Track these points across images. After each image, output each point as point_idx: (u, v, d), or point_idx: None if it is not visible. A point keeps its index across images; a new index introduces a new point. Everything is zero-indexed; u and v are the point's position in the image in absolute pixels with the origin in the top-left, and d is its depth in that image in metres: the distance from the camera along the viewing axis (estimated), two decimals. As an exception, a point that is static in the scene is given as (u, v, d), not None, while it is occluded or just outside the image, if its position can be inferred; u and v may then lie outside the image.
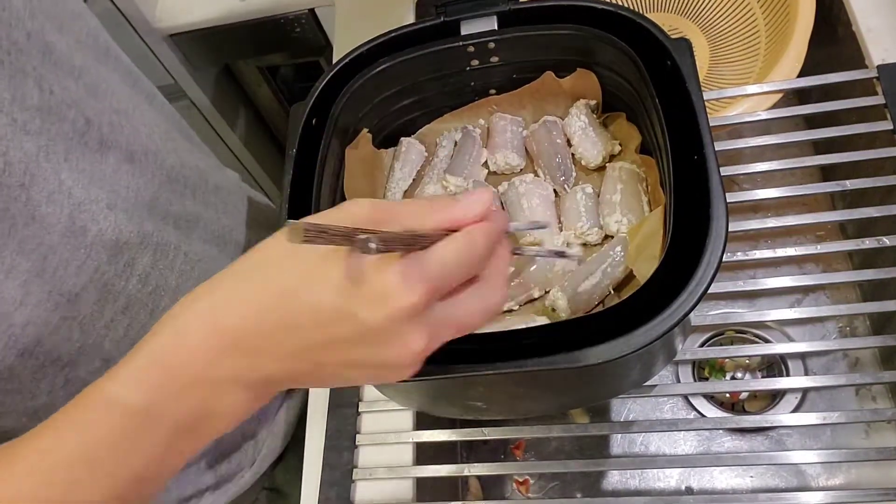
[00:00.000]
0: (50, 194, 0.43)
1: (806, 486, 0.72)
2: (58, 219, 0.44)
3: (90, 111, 0.47)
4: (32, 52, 0.43)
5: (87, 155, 0.47)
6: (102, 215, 0.48)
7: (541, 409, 0.67)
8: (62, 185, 0.44)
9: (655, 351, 0.51)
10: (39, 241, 0.43)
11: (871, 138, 0.66)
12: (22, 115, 0.42)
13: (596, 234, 0.59)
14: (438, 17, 0.59)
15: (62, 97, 0.45)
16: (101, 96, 0.49)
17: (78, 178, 0.46)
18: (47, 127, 0.43)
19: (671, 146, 0.48)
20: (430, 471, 0.62)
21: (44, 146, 0.43)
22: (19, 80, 0.42)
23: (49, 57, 0.44)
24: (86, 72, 0.48)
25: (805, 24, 0.70)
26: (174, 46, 1.15)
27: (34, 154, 0.42)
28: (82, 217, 0.46)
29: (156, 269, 0.53)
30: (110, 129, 0.49)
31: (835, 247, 0.65)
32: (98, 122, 0.48)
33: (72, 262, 0.46)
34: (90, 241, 0.47)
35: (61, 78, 0.45)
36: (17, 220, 0.42)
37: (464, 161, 0.65)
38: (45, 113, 0.43)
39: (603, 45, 0.57)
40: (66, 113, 0.45)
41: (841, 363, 0.77)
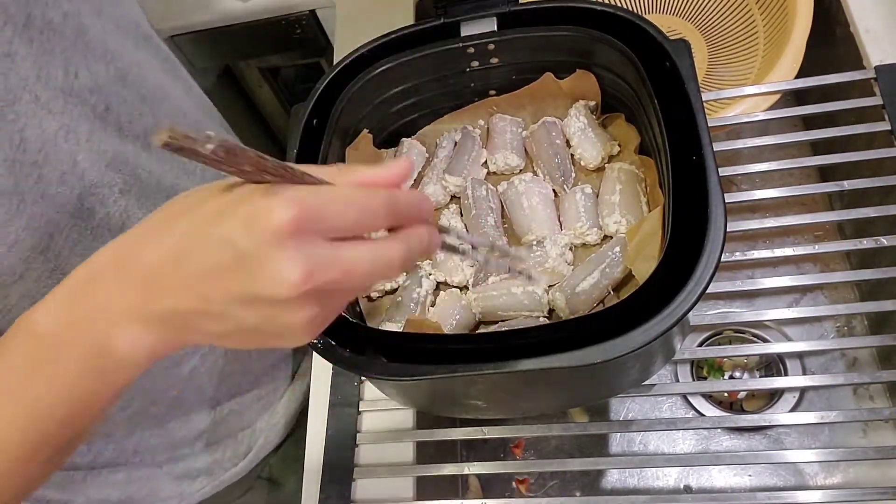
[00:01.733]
0: (62, 174, 0.44)
1: (804, 484, 0.72)
2: (67, 199, 0.45)
3: (113, 98, 0.48)
4: (66, 32, 0.43)
5: (107, 138, 0.47)
6: (112, 199, 0.48)
7: (540, 409, 0.67)
8: (76, 166, 0.45)
9: (654, 350, 0.51)
10: (48, 219, 0.44)
11: (869, 139, 0.67)
12: (45, 94, 0.42)
13: (595, 235, 0.60)
14: (438, 18, 0.60)
15: (86, 81, 0.45)
16: (130, 83, 0.50)
17: (95, 161, 0.46)
18: (70, 108, 0.44)
19: (670, 147, 0.49)
20: (431, 469, 0.63)
21: (65, 125, 0.44)
22: (46, 60, 0.42)
23: (82, 39, 0.45)
24: (118, 57, 0.48)
25: (803, 24, 0.70)
26: (175, 47, 1.15)
27: (53, 133, 0.43)
28: (91, 200, 0.46)
29: None
30: (129, 118, 0.49)
31: (833, 247, 0.66)
32: (118, 111, 0.48)
33: (79, 242, 0.46)
34: (97, 223, 0.47)
35: (91, 61, 0.46)
36: (27, 197, 0.42)
37: (463, 161, 0.65)
38: (68, 94, 0.44)
39: (602, 47, 0.57)
40: (88, 98, 0.45)
41: (839, 363, 0.77)
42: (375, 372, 0.47)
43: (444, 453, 0.78)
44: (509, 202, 0.63)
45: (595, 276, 0.55)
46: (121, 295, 0.33)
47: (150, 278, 0.33)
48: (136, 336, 0.34)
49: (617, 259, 0.55)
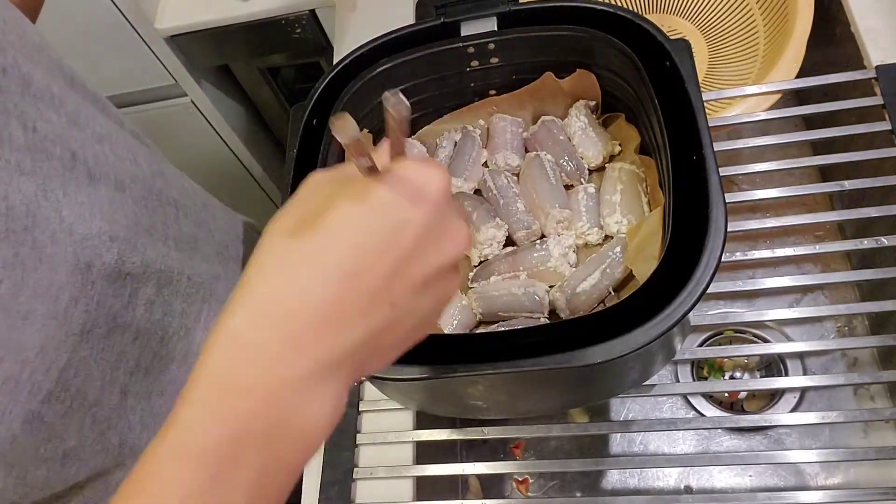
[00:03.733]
0: (53, 234, 0.42)
1: (804, 485, 0.72)
2: (64, 258, 0.43)
3: (74, 143, 0.46)
4: (11, 87, 0.42)
5: (81, 189, 0.45)
6: (105, 248, 0.47)
7: (540, 409, 0.67)
8: (63, 222, 0.43)
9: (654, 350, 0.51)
10: (49, 282, 0.42)
11: (870, 139, 0.67)
12: (14, 156, 0.40)
13: (596, 234, 0.60)
14: (438, 18, 0.59)
15: (45, 133, 0.43)
16: (83, 125, 0.48)
17: (79, 213, 0.45)
18: (39, 165, 0.42)
19: (670, 146, 0.48)
20: (431, 470, 0.63)
21: (41, 184, 0.42)
22: (3, 121, 0.40)
23: (28, 90, 0.43)
24: (65, 101, 0.47)
25: (804, 24, 0.70)
26: (175, 47, 1.15)
27: (33, 194, 0.41)
28: (86, 252, 0.45)
29: (160, 296, 0.52)
30: (95, 161, 0.48)
31: (833, 247, 0.66)
32: (83, 155, 0.46)
33: (80, 299, 0.44)
34: (95, 275, 0.46)
35: (43, 111, 0.44)
36: (27, 264, 0.40)
37: (464, 162, 0.65)
38: (34, 151, 0.42)
39: (602, 46, 0.57)
40: (52, 149, 0.44)
41: (839, 363, 0.77)
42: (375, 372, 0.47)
43: (444, 453, 0.78)
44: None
45: (595, 277, 0.55)
46: (297, 356, 0.28)
47: (328, 319, 0.28)
48: (326, 395, 0.29)
49: (618, 259, 0.55)
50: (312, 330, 0.28)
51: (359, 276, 0.28)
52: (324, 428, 0.29)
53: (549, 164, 0.62)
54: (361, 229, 0.29)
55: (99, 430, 0.48)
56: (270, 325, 0.28)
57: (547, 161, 0.63)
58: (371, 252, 0.29)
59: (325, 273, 0.28)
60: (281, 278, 0.29)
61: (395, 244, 0.29)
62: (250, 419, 0.27)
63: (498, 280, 0.59)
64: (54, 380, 0.43)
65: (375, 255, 0.29)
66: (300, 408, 0.28)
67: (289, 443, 0.28)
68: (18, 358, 0.40)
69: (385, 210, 0.29)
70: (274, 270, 0.29)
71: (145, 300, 0.51)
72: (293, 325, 0.28)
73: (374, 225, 0.29)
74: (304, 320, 0.28)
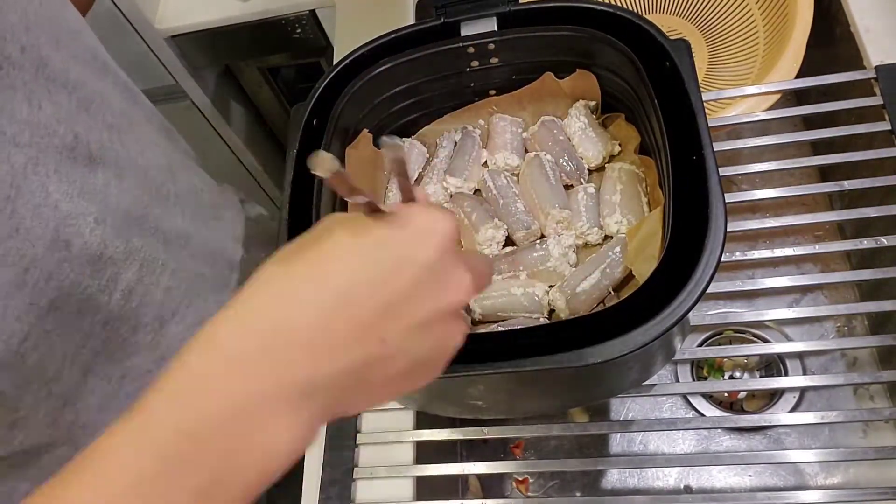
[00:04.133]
0: (36, 207, 0.43)
1: (804, 485, 0.72)
2: (43, 232, 0.44)
3: (80, 126, 0.47)
4: (25, 65, 0.43)
5: (76, 169, 0.46)
6: (89, 229, 0.47)
7: (540, 409, 0.67)
8: (49, 197, 0.44)
9: (654, 350, 0.51)
10: (22, 253, 0.42)
11: (870, 139, 0.67)
12: (11, 128, 0.41)
13: (596, 234, 0.60)
14: (438, 18, 0.59)
15: (51, 112, 0.44)
16: (95, 112, 0.49)
17: (67, 192, 0.45)
18: (36, 140, 0.43)
19: (670, 147, 0.49)
20: (431, 470, 0.63)
21: (33, 158, 0.43)
22: (9, 95, 0.41)
23: (42, 71, 0.44)
24: (80, 87, 0.48)
25: (803, 24, 0.70)
26: (175, 47, 1.16)
27: (22, 166, 0.42)
28: (67, 231, 0.45)
29: (141, 285, 0.53)
30: (99, 146, 0.49)
31: (833, 247, 0.66)
32: (87, 139, 0.47)
33: (54, 275, 0.45)
34: (74, 254, 0.46)
35: (53, 93, 0.45)
36: (1, 231, 0.41)
37: (464, 162, 0.65)
38: (34, 126, 0.43)
39: (602, 47, 0.57)
40: (56, 128, 0.45)
41: (839, 363, 0.77)
42: (375, 372, 0.47)
43: (444, 453, 0.78)
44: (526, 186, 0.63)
45: (595, 277, 0.55)
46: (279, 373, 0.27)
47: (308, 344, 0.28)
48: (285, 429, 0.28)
49: (617, 259, 0.55)
50: (294, 351, 0.27)
51: (350, 305, 0.28)
52: (286, 454, 0.28)
53: (548, 164, 0.63)
54: (358, 260, 0.29)
55: (53, 405, 0.49)
56: (254, 338, 0.28)
57: (547, 161, 0.63)
58: (365, 284, 0.29)
59: (317, 297, 0.28)
60: (272, 297, 0.28)
61: (391, 280, 0.29)
62: (213, 422, 0.27)
63: (497, 280, 0.59)
64: (13, 350, 0.44)
65: (370, 288, 0.29)
66: (266, 426, 0.27)
67: (247, 458, 0.27)
68: None
69: (385, 245, 0.29)
70: (266, 289, 0.29)
71: (123, 286, 0.51)
72: (276, 342, 0.27)
73: (371, 257, 0.29)
74: (288, 340, 0.28)
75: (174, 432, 0.27)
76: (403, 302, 0.29)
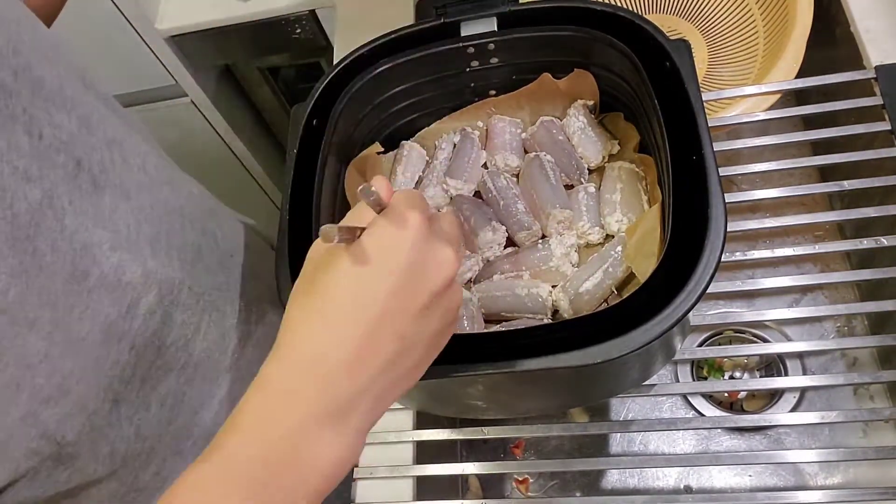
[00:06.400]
0: (53, 242, 0.42)
1: (804, 485, 0.72)
2: (62, 266, 0.43)
3: (80, 150, 0.46)
4: (21, 91, 0.41)
5: (85, 197, 0.45)
6: (105, 257, 0.46)
7: (540, 409, 0.67)
8: (64, 230, 0.43)
9: (654, 350, 0.51)
10: (49, 291, 0.42)
11: (870, 139, 0.67)
12: (22, 163, 0.40)
13: (597, 234, 0.60)
14: (438, 18, 0.60)
15: (50, 140, 0.43)
16: (95, 128, 0.48)
17: (82, 222, 0.44)
18: (45, 173, 0.42)
19: (670, 147, 0.49)
20: (431, 470, 0.63)
21: (47, 191, 0.42)
22: (10, 127, 0.40)
23: (40, 92, 0.43)
24: (78, 103, 0.46)
25: (803, 24, 0.70)
26: (175, 47, 1.15)
27: (38, 202, 0.41)
28: (84, 262, 0.44)
29: (161, 307, 0.52)
30: (101, 169, 0.47)
31: (833, 247, 0.66)
32: (88, 163, 0.46)
33: (76, 307, 0.44)
34: (92, 284, 0.45)
35: (53, 114, 0.44)
36: (30, 272, 0.40)
37: (463, 163, 0.65)
38: (39, 159, 0.42)
39: (602, 47, 0.57)
40: (56, 158, 0.43)
41: (839, 363, 0.77)
42: (375, 372, 0.47)
43: (443, 453, 0.78)
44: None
45: (598, 276, 0.55)
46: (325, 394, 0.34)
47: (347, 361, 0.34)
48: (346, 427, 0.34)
49: (619, 258, 0.55)
50: (333, 374, 0.34)
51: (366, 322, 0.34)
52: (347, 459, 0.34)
53: (548, 164, 0.63)
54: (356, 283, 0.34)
55: (93, 438, 0.48)
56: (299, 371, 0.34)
57: (546, 161, 0.63)
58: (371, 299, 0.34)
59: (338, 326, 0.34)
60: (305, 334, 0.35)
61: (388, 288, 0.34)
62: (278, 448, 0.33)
63: (501, 279, 0.59)
64: (57, 385, 0.43)
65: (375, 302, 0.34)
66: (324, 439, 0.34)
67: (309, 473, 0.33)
68: (22, 363, 0.41)
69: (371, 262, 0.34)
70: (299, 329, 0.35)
71: (145, 311, 0.50)
72: (317, 370, 0.34)
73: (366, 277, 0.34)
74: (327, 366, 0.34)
75: (247, 462, 0.32)
76: (403, 300, 0.34)
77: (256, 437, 0.33)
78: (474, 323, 0.58)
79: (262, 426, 0.34)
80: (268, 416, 0.34)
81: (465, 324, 0.57)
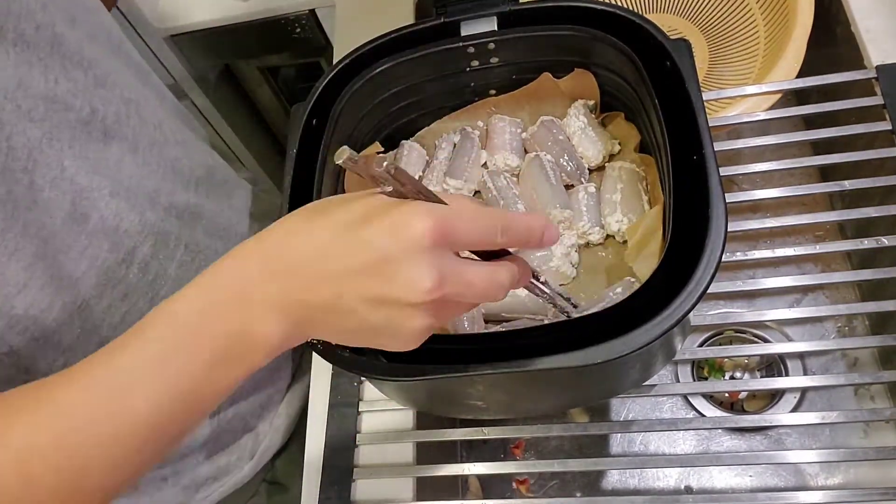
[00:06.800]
0: (53, 180, 0.44)
1: (805, 485, 0.72)
2: (60, 204, 0.45)
3: (97, 100, 0.48)
4: (41, 43, 0.44)
5: (90, 144, 0.47)
6: (104, 202, 0.48)
7: (541, 409, 0.67)
8: (65, 171, 0.45)
9: (655, 351, 0.51)
10: (41, 225, 0.44)
11: (870, 139, 0.67)
12: (26, 103, 0.42)
13: (598, 234, 0.60)
14: (438, 17, 0.59)
15: (67, 87, 0.45)
16: (111, 86, 0.50)
17: (81, 166, 0.46)
18: (51, 115, 0.44)
19: (670, 146, 0.48)
20: (430, 470, 0.63)
21: (48, 132, 0.44)
22: (24, 70, 0.42)
23: (58, 49, 0.45)
24: (96, 64, 0.48)
25: (804, 24, 0.70)
26: (175, 47, 1.15)
27: (38, 140, 0.43)
28: (84, 204, 0.46)
29: (156, 259, 0.54)
30: (115, 120, 0.50)
31: (834, 247, 0.66)
32: (103, 113, 0.48)
33: (73, 247, 0.46)
34: (91, 228, 0.47)
35: (69, 69, 0.46)
36: (20, 203, 0.42)
37: (463, 163, 0.65)
38: (50, 101, 0.44)
39: (603, 46, 0.57)
40: (72, 102, 0.46)
41: (840, 363, 0.77)
42: (375, 372, 0.47)
43: (444, 453, 0.78)
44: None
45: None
46: (263, 286, 0.35)
47: (291, 272, 0.35)
48: (272, 324, 0.35)
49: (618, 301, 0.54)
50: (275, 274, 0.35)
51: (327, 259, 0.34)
52: (266, 345, 0.36)
53: (548, 164, 0.62)
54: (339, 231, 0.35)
55: None
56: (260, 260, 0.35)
57: (547, 161, 0.63)
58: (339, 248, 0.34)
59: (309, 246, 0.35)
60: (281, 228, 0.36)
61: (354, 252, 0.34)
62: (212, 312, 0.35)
63: None
64: (33, 317, 0.45)
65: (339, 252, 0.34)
66: (246, 324, 0.35)
67: (230, 351, 0.35)
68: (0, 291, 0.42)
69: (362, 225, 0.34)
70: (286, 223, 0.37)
71: (140, 260, 0.52)
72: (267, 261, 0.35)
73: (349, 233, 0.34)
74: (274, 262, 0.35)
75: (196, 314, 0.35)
76: (357, 273, 0.34)
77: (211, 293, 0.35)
78: (474, 323, 0.58)
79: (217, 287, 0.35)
80: (226, 279, 0.36)
81: (465, 324, 0.57)
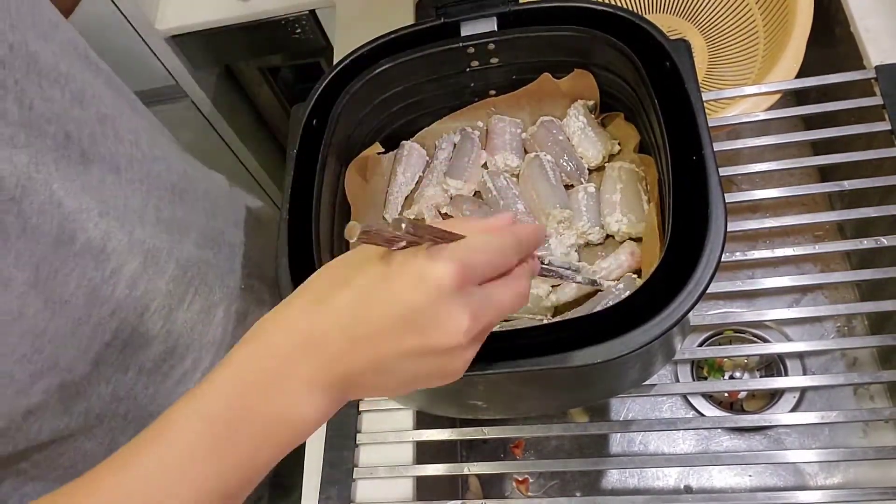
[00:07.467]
0: (41, 205, 0.44)
1: (804, 485, 0.72)
2: (48, 229, 0.44)
3: (71, 124, 0.47)
4: (16, 64, 0.43)
5: (72, 167, 0.47)
6: (92, 223, 0.48)
7: (540, 409, 0.67)
8: (53, 195, 0.45)
9: (654, 350, 0.51)
10: (31, 252, 0.43)
11: (870, 139, 0.67)
12: (8, 130, 0.42)
13: (597, 234, 0.60)
14: (438, 18, 0.60)
15: (42, 111, 0.45)
16: (88, 103, 0.49)
17: (69, 188, 0.46)
18: (32, 141, 0.44)
19: (670, 147, 0.49)
20: (430, 470, 0.63)
21: (33, 158, 0.43)
22: (1, 96, 0.42)
23: (34, 66, 0.44)
24: (72, 79, 0.48)
25: (803, 24, 0.70)
26: (175, 47, 1.15)
27: (25, 166, 0.43)
28: (71, 226, 0.46)
29: (145, 275, 0.53)
30: (91, 142, 0.49)
31: (833, 247, 0.66)
32: (78, 136, 0.48)
33: (60, 270, 0.46)
34: (77, 249, 0.47)
35: (46, 88, 0.45)
36: (10, 232, 0.42)
37: (463, 163, 0.65)
38: (28, 128, 0.44)
39: (602, 46, 0.57)
40: (46, 128, 0.45)
41: (839, 363, 0.77)
42: (375, 372, 0.47)
43: (443, 454, 0.78)
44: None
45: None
46: (297, 366, 0.34)
47: (324, 344, 0.34)
48: (315, 402, 0.35)
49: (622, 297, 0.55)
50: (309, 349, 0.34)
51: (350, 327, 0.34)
52: (309, 424, 0.35)
53: (548, 164, 0.63)
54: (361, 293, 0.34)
55: (66, 394, 0.50)
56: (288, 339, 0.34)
57: (546, 161, 0.63)
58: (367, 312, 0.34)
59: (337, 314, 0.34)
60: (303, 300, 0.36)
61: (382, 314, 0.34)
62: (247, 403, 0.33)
63: None
64: (29, 344, 0.45)
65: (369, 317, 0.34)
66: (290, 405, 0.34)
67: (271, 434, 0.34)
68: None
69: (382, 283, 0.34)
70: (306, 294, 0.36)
71: (128, 277, 0.52)
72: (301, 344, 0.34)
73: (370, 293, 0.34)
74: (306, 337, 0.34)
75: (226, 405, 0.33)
76: (391, 332, 0.34)
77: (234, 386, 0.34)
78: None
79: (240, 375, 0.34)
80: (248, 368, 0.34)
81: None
